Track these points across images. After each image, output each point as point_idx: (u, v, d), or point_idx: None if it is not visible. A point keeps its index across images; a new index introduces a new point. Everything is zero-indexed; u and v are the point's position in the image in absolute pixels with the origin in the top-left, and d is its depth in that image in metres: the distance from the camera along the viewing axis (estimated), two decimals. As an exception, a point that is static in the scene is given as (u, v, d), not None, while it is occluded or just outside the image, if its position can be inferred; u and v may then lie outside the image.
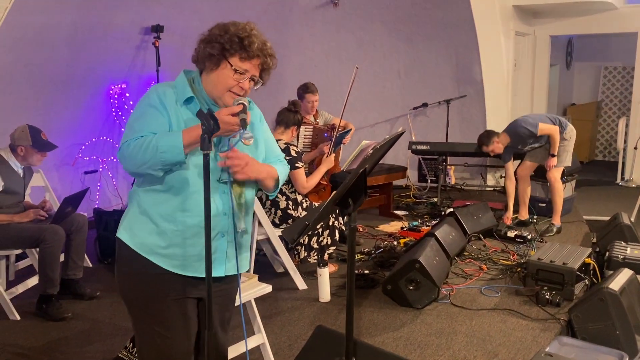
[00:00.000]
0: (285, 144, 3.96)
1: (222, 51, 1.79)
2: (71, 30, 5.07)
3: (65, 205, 3.68)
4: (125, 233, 1.87)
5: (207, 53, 1.80)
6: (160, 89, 1.84)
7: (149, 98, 1.82)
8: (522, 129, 5.05)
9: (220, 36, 1.79)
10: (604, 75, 9.93)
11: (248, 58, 1.80)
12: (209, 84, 1.84)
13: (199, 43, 1.84)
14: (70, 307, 3.60)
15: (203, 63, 1.84)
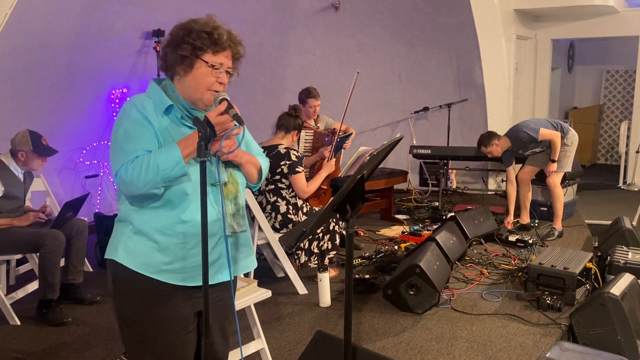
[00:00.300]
0: (286, 149, 3.96)
1: (193, 50, 1.74)
2: (72, 36, 5.08)
3: (65, 210, 3.68)
4: (124, 255, 1.78)
5: (177, 57, 1.75)
6: (137, 102, 1.77)
7: (129, 115, 1.74)
8: (523, 134, 5.05)
9: (187, 36, 1.74)
10: (605, 78, 9.92)
11: (220, 50, 1.77)
12: (187, 88, 1.78)
13: (165, 49, 1.78)
14: (71, 312, 3.60)
15: (174, 68, 1.78)
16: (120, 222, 1.84)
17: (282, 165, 3.92)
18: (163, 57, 1.80)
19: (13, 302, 3.64)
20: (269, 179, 3.99)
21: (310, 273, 4.16)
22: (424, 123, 7.50)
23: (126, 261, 1.78)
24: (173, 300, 1.81)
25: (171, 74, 1.81)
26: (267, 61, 7.18)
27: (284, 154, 3.93)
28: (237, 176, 1.88)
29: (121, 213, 1.85)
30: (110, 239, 1.88)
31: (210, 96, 1.78)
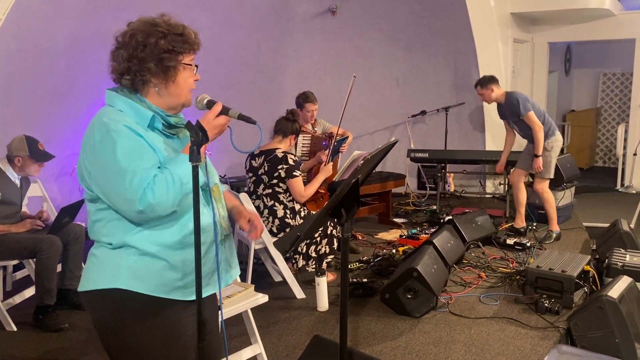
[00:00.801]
0: (283, 153, 3.96)
1: (176, 57, 1.68)
2: (69, 41, 5.09)
3: (62, 216, 3.67)
4: (132, 281, 1.64)
5: (160, 69, 1.66)
6: (113, 117, 1.63)
7: (117, 131, 1.59)
8: (515, 101, 4.97)
9: (165, 42, 1.66)
10: (602, 81, 9.95)
11: (195, 50, 1.74)
12: (168, 96, 1.71)
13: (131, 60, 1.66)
14: (67, 318, 3.59)
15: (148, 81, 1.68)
16: (114, 250, 1.67)
17: (280, 170, 3.92)
18: (127, 69, 1.67)
19: (9, 308, 3.63)
20: (267, 183, 3.98)
21: (308, 277, 4.16)
22: (422, 127, 7.50)
23: (136, 286, 1.64)
24: (182, 315, 1.74)
25: (137, 85, 1.69)
26: (265, 66, 7.18)
27: (282, 158, 3.93)
28: (216, 178, 1.88)
29: (111, 239, 1.67)
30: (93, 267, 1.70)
31: (190, 96, 1.75)
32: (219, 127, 1.68)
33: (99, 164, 1.59)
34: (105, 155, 1.57)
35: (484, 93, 5.19)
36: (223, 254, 1.81)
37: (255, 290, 2.92)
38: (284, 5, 6.86)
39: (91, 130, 1.63)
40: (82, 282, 1.73)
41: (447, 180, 7.17)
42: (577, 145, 9.59)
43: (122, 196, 1.56)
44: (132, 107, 1.67)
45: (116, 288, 1.65)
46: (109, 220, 1.67)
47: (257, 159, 4.03)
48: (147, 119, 1.67)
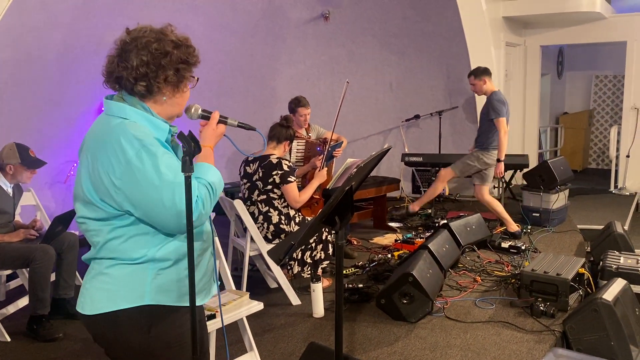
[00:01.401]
0: (278, 159, 3.96)
1: (190, 68, 1.72)
2: (61, 48, 5.07)
3: (55, 225, 3.65)
4: (160, 296, 1.63)
5: (179, 78, 1.68)
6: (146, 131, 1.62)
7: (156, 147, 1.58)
8: (493, 102, 5.07)
9: (181, 54, 1.68)
10: (595, 83, 10.00)
11: (198, 63, 1.76)
12: (172, 106, 1.71)
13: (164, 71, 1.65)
14: (62, 327, 3.56)
15: (160, 90, 1.67)
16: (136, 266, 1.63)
17: (274, 175, 3.92)
18: (144, 75, 1.63)
19: (3, 318, 3.61)
20: (261, 189, 3.98)
21: (304, 283, 4.15)
22: (415, 131, 7.52)
23: (162, 300, 1.64)
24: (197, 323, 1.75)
25: (149, 94, 1.67)
26: (258, 72, 7.19)
27: (276, 164, 3.92)
28: None
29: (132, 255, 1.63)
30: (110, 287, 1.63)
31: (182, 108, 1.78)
32: (221, 135, 1.79)
33: (137, 179, 1.53)
34: (146, 170, 1.53)
35: (476, 83, 5.26)
36: (211, 262, 1.84)
37: (251, 297, 2.91)
38: (277, 11, 6.87)
39: (117, 144, 1.54)
40: (95, 305, 1.64)
41: (442, 184, 7.17)
42: (570, 148, 9.63)
43: (170, 209, 1.53)
44: (146, 119, 1.65)
45: (142, 305, 1.62)
46: (131, 237, 1.62)
47: (251, 165, 4.03)
48: (164, 131, 1.68)
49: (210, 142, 1.78)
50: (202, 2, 6.07)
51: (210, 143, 1.78)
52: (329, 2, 6.97)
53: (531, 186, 5.72)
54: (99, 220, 1.63)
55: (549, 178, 5.57)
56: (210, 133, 1.78)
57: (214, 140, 1.78)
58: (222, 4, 6.28)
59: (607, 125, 9.84)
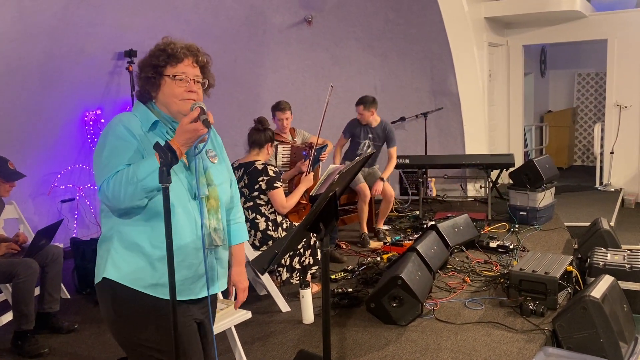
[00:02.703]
0: (263, 164, 3.93)
1: (155, 69, 1.85)
2: (42, 59, 5.01)
3: (39, 238, 3.60)
4: (112, 270, 1.81)
5: (144, 80, 1.87)
6: (125, 118, 1.85)
7: (114, 130, 1.80)
8: (391, 132, 5.56)
9: (148, 60, 1.88)
10: (577, 81, 10.10)
11: (178, 62, 1.85)
12: (164, 105, 1.88)
13: (137, 79, 1.92)
14: (47, 342, 3.50)
15: (148, 93, 1.89)
16: (106, 241, 1.86)
17: (260, 182, 3.89)
18: (138, 85, 1.93)
19: (-13, 335, 3.54)
20: (247, 195, 3.95)
21: (293, 289, 4.12)
22: (401, 133, 7.52)
23: (115, 276, 1.80)
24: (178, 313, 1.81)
25: (148, 98, 1.91)
26: (242, 77, 7.16)
27: (262, 170, 3.90)
28: (220, 192, 1.94)
29: (106, 231, 1.86)
30: (97, 262, 1.87)
31: (187, 105, 1.85)
32: (192, 132, 1.71)
33: (95, 154, 1.83)
34: (99, 148, 1.81)
35: (365, 114, 5.50)
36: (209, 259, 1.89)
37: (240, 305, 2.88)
38: (259, 17, 6.85)
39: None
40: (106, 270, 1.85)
41: (429, 185, 7.19)
42: (555, 146, 9.70)
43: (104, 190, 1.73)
44: (143, 111, 1.89)
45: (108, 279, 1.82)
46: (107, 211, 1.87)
47: (236, 172, 3.99)
48: (149, 121, 1.86)
49: (177, 137, 1.72)
50: (184, 9, 6.03)
51: (176, 139, 1.71)
52: (311, 7, 6.96)
53: (517, 185, 5.75)
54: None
55: (535, 176, 5.60)
56: (178, 128, 1.74)
57: (182, 137, 1.71)
58: (204, 11, 6.24)
59: (591, 123, 9.93)
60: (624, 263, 3.86)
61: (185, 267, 1.83)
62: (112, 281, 1.80)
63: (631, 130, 7.46)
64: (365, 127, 5.57)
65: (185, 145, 1.72)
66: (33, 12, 4.64)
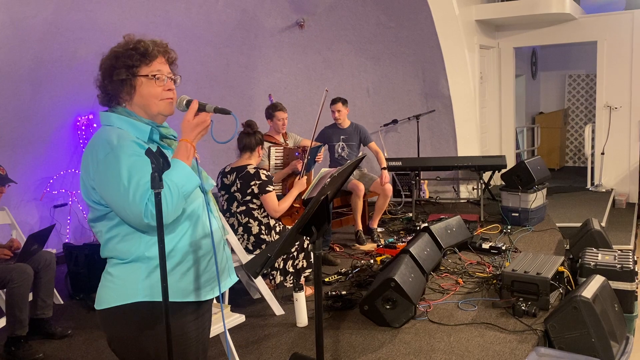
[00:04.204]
0: (255, 169, 3.94)
1: (128, 70, 1.74)
2: (33, 64, 5.00)
3: (30, 243, 3.59)
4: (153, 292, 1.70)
5: (116, 84, 1.75)
6: (123, 135, 1.72)
7: (121, 149, 1.66)
8: (364, 130, 5.72)
9: (116, 62, 1.75)
10: (568, 83, 10.17)
11: (152, 60, 1.77)
12: (141, 108, 1.78)
13: (102, 83, 1.78)
14: (41, 348, 3.49)
15: (118, 97, 1.77)
16: (129, 264, 1.72)
17: (253, 186, 3.90)
18: (103, 91, 1.79)
19: (-20, 342, 3.52)
20: (240, 200, 3.96)
21: (287, 293, 4.13)
22: (394, 135, 7.56)
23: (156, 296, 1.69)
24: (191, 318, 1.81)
25: (117, 103, 1.79)
26: (235, 81, 7.17)
27: (254, 174, 3.91)
28: (211, 182, 1.96)
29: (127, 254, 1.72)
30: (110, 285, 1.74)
31: (167, 105, 1.80)
32: (201, 124, 1.72)
33: (104, 181, 1.64)
34: (110, 172, 1.63)
35: (343, 110, 5.66)
36: (222, 260, 1.88)
37: (233, 308, 2.89)
38: (251, 21, 6.87)
39: (93, 148, 1.68)
40: (101, 301, 1.76)
41: (422, 187, 7.22)
42: (547, 147, 9.76)
43: (128, 211, 1.61)
44: (129, 123, 1.75)
45: (136, 302, 1.70)
46: (124, 236, 1.72)
47: (228, 176, 4.00)
48: (146, 132, 1.75)
49: (187, 135, 1.72)
50: (176, 14, 6.04)
51: (187, 136, 1.72)
52: (303, 10, 6.99)
53: (509, 186, 5.78)
54: (96, 221, 1.76)
55: (527, 178, 5.64)
56: (185, 125, 1.72)
57: (192, 133, 1.72)
58: (196, 15, 6.25)
59: (582, 124, 10.01)
60: (615, 263, 3.89)
61: (212, 264, 1.82)
62: (149, 302, 1.71)
63: (621, 131, 7.52)
64: (337, 129, 5.69)
65: (197, 139, 1.72)
66: (24, 17, 4.64)
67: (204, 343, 1.88)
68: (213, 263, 1.82)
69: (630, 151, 7.52)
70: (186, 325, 1.77)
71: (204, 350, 1.89)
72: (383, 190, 5.50)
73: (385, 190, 5.49)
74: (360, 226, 5.53)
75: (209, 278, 1.82)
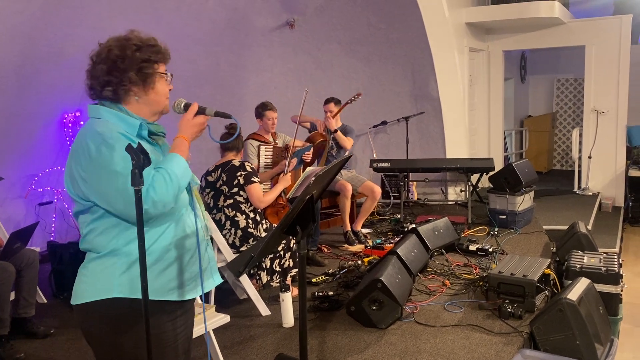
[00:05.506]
0: (240, 162, 4.03)
1: (153, 66, 1.81)
2: (20, 61, 4.94)
3: (13, 241, 3.54)
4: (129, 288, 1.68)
5: (139, 77, 1.77)
6: (112, 127, 1.72)
7: (115, 140, 1.66)
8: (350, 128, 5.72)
9: (140, 53, 1.78)
10: (557, 87, 10.25)
11: (167, 60, 1.87)
12: (149, 104, 1.82)
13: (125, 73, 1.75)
14: (23, 347, 3.45)
15: (128, 91, 1.78)
16: (105, 258, 1.70)
17: (239, 177, 3.95)
18: (104, 83, 1.76)
19: (-40, 341, 3.47)
20: (227, 193, 3.97)
21: (274, 293, 4.11)
22: (383, 137, 7.56)
23: (132, 292, 1.68)
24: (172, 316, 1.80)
25: (120, 95, 1.78)
26: (225, 80, 7.13)
27: (239, 166, 3.99)
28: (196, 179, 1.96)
29: (104, 248, 1.71)
30: (85, 279, 1.73)
31: (167, 103, 1.88)
32: (198, 125, 1.83)
33: (97, 171, 1.65)
34: (104, 162, 1.63)
35: (335, 111, 5.68)
36: (204, 260, 1.87)
37: (219, 309, 2.87)
38: (242, 20, 6.84)
39: (82, 141, 1.68)
40: (77, 295, 1.75)
41: (410, 188, 7.24)
42: (535, 150, 9.82)
43: (125, 199, 1.60)
44: (118, 117, 1.76)
45: (111, 298, 1.68)
46: (102, 230, 1.71)
47: (212, 174, 4.05)
48: (135, 127, 1.77)
49: (185, 132, 1.82)
50: (165, 12, 5.99)
51: (184, 134, 1.82)
52: (294, 10, 6.97)
53: (497, 189, 5.80)
54: (79, 214, 1.76)
55: (514, 180, 5.66)
56: (184, 124, 1.83)
57: (189, 131, 1.82)
58: (186, 13, 6.21)
59: (570, 128, 10.08)
60: (600, 266, 3.92)
61: (194, 263, 1.81)
62: (125, 299, 1.68)
63: (608, 135, 7.58)
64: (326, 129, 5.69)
65: (193, 138, 1.82)
66: (10, 14, 4.58)
67: (185, 343, 1.86)
68: (195, 262, 1.81)
69: (617, 155, 7.58)
70: (163, 324, 1.75)
71: (186, 350, 1.87)
72: (372, 193, 5.49)
73: (373, 193, 5.48)
74: (349, 227, 5.52)
75: (191, 277, 1.80)
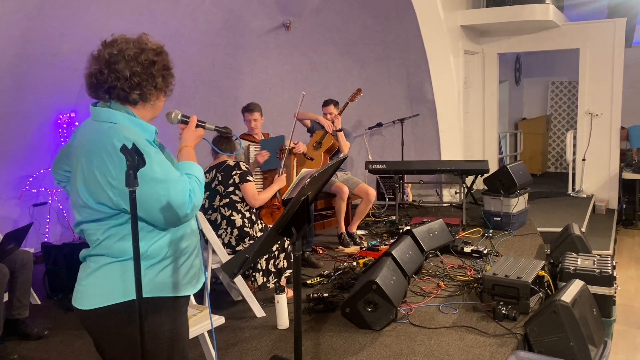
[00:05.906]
0: (234, 162, 4.06)
1: (171, 74, 1.86)
2: (15, 61, 4.92)
3: (6, 242, 3.53)
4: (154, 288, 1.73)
5: (165, 84, 1.83)
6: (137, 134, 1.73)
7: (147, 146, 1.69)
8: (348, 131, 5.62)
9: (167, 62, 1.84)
10: (551, 89, 10.29)
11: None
12: (156, 109, 1.87)
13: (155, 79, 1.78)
14: (16, 349, 3.44)
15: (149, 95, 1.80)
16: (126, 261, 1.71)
17: (234, 175, 3.99)
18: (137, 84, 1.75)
19: (-47, 342, 3.45)
20: (223, 192, 3.99)
21: (269, 294, 4.10)
22: (378, 138, 7.58)
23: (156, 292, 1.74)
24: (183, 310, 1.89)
25: (136, 101, 1.78)
26: (220, 82, 7.13)
27: (234, 165, 4.03)
28: None
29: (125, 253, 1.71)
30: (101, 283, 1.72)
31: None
32: (199, 137, 1.97)
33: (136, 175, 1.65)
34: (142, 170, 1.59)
35: (334, 113, 5.67)
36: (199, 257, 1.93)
37: (214, 310, 2.87)
38: (237, 21, 6.84)
39: (110, 147, 1.63)
40: (91, 300, 1.72)
41: (405, 190, 7.24)
42: (529, 152, 9.87)
43: (167, 204, 1.62)
44: (134, 122, 1.75)
45: (133, 299, 1.66)
46: (124, 235, 1.70)
47: (207, 175, 4.07)
48: (151, 132, 1.79)
49: (191, 142, 1.94)
50: (161, 12, 5.99)
51: (190, 143, 1.94)
52: (289, 12, 6.98)
53: (492, 191, 5.82)
54: (94, 222, 1.72)
55: (509, 182, 5.68)
56: (190, 135, 1.94)
57: (194, 141, 1.95)
58: (182, 14, 6.21)
59: (564, 130, 10.13)
60: (594, 268, 3.94)
61: (196, 256, 1.87)
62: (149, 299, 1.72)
63: (602, 138, 7.62)
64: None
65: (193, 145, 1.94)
66: (5, 13, 4.56)
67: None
68: (198, 257, 1.88)
69: (611, 158, 7.62)
70: (180, 317, 1.84)
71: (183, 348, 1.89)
72: (366, 195, 5.49)
73: (368, 195, 5.48)
74: (344, 229, 5.52)
75: (195, 273, 1.87)
